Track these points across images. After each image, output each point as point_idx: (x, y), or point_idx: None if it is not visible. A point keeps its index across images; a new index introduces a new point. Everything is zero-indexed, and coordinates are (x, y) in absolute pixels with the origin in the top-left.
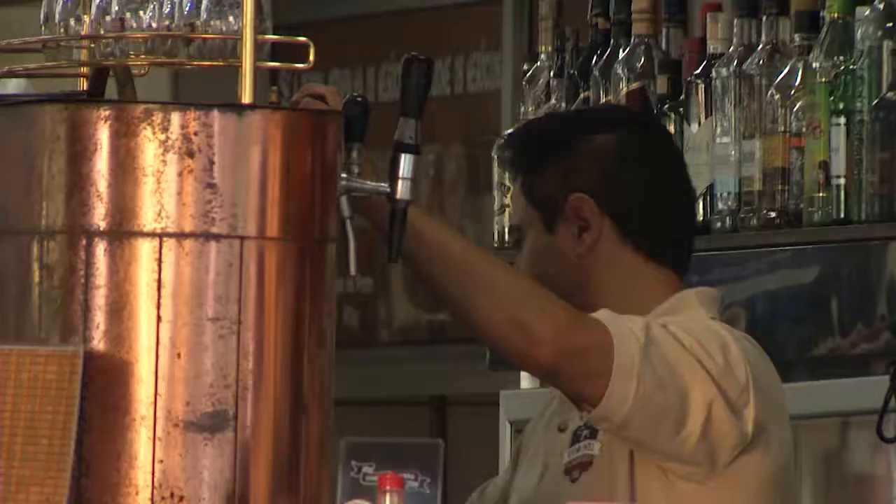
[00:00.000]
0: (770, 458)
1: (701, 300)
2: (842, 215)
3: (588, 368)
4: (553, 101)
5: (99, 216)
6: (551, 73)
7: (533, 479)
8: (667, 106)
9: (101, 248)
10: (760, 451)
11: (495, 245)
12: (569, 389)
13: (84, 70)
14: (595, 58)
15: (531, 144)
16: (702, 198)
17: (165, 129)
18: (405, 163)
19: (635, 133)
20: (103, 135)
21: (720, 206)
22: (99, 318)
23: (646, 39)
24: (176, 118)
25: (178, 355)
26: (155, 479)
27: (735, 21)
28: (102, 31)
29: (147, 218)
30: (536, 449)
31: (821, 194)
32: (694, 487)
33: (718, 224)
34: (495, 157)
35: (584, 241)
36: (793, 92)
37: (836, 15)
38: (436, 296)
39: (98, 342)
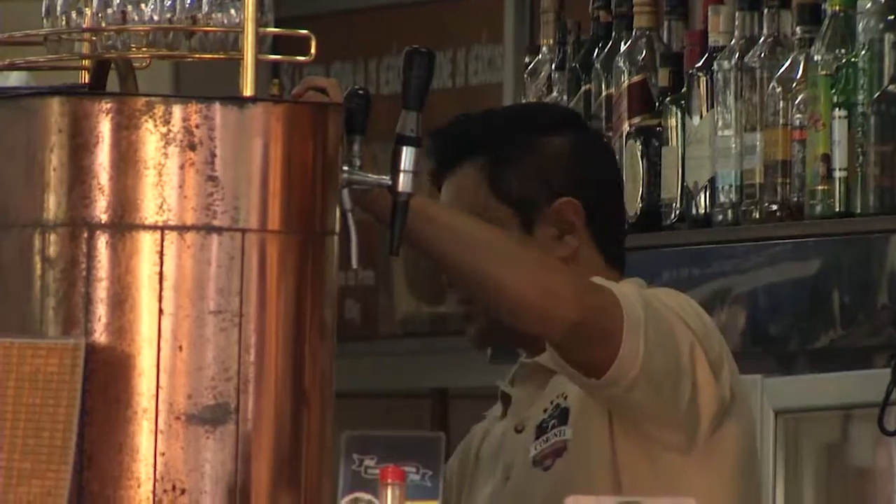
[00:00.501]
0: (743, 430)
1: (638, 283)
2: (843, 208)
3: (605, 326)
4: (555, 93)
5: (101, 209)
6: (553, 66)
7: (494, 485)
8: (668, 99)
9: (102, 241)
10: (734, 421)
11: None
12: (586, 354)
13: (86, 63)
14: (597, 51)
15: (494, 135)
16: (703, 190)
17: (167, 122)
18: (406, 155)
19: (587, 133)
20: (105, 127)
21: (721, 198)
22: (101, 310)
23: (647, 32)
24: (177, 111)
25: (180, 348)
26: (157, 472)
27: (736, 14)
28: (104, 24)
29: (149, 210)
30: (486, 462)
31: (822, 187)
32: (678, 459)
33: (720, 217)
34: None
35: (566, 243)
36: (794, 85)
37: (837, 8)
38: (450, 274)
39: (100, 335)
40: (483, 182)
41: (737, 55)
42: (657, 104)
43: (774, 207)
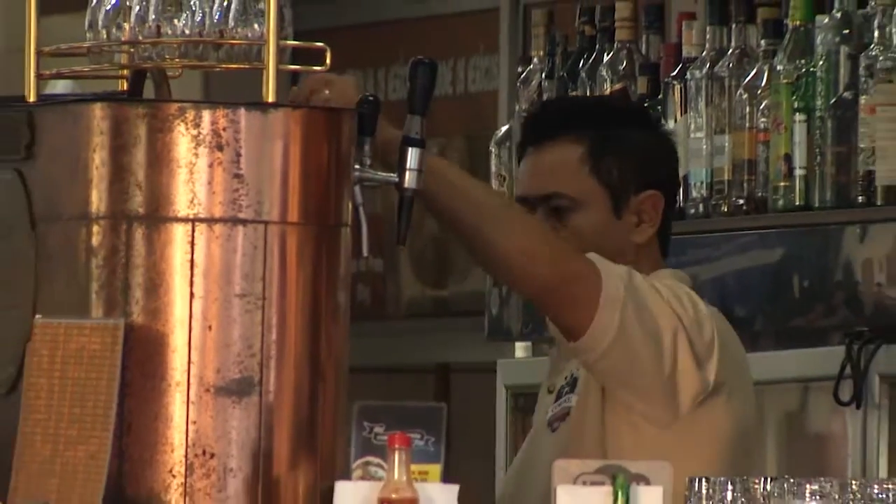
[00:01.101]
0: (731, 413)
1: (678, 276)
2: (803, 202)
3: (578, 294)
4: (545, 99)
5: (138, 203)
6: (543, 75)
7: (531, 435)
8: (646, 104)
9: (140, 232)
10: (721, 404)
11: None
12: (559, 317)
13: (124, 72)
14: (582, 61)
15: (602, 121)
16: (667, 181)
17: (197, 125)
18: (412, 155)
19: (662, 131)
20: (142, 130)
21: (694, 194)
22: (138, 294)
23: (627, 45)
24: (206, 115)
25: (209, 328)
26: (189, 439)
27: (707, 28)
28: (141, 38)
29: (181, 205)
30: (536, 414)
31: (784, 183)
32: (658, 432)
33: (692, 210)
34: (493, 150)
35: (643, 232)
36: (759, 92)
37: (797, 23)
38: (450, 227)
39: (137, 316)
40: (585, 161)
41: (707, 65)
42: None
43: (741, 202)
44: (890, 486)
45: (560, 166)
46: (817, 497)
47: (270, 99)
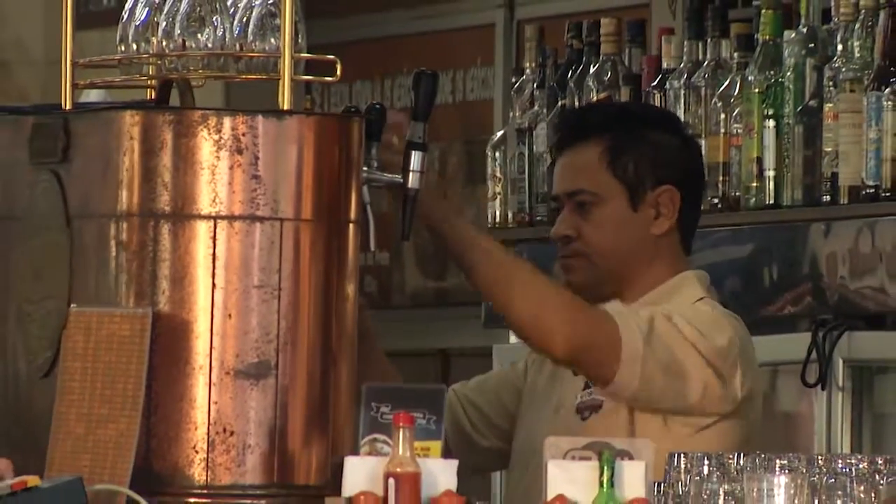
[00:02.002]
0: (747, 424)
1: (699, 280)
2: (772, 201)
3: (598, 359)
4: (536, 107)
5: (164, 202)
6: (535, 85)
7: (545, 415)
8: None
9: (166, 229)
10: (740, 417)
11: (489, 226)
12: (584, 373)
13: (152, 82)
14: (571, 72)
15: (621, 123)
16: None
17: (219, 131)
18: (415, 158)
19: (694, 139)
20: (168, 135)
21: None
22: (164, 285)
23: (612, 57)
24: (227, 122)
25: (230, 316)
26: (210, 418)
27: (685, 42)
28: (167, 51)
29: (204, 203)
30: (545, 390)
31: (755, 184)
32: (689, 433)
33: None
34: (489, 153)
35: (660, 224)
36: (732, 100)
37: (767, 37)
38: (479, 289)
39: (164, 305)
40: (603, 159)
41: (685, 76)
42: None
43: (716, 200)
44: (852, 461)
45: (583, 165)
46: (786, 471)
47: (286, 107)
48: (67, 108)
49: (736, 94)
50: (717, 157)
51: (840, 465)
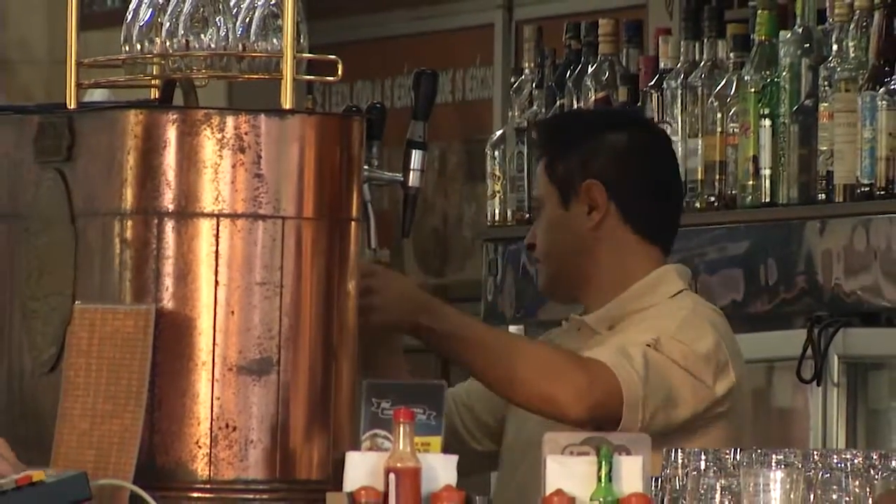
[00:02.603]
0: (735, 426)
1: (679, 274)
2: (768, 199)
3: (606, 413)
4: (535, 107)
5: (168, 200)
6: (533, 85)
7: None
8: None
9: (169, 226)
10: (728, 418)
11: (488, 224)
12: (592, 428)
13: (156, 82)
14: (569, 72)
15: (558, 133)
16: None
17: (222, 130)
18: (415, 157)
19: (642, 133)
20: (171, 134)
21: None
22: (168, 282)
23: (609, 57)
24: (230, 121)
25: (232, 313)
26: (213, 413)
27: (682, 43)
28: (171, 51)
29: (207, 201)
30: None
31: (751, 182)
32: (684, 440)
33: None
34: (488, 152)
35: (592, 218)
36: (728, 100)
37: (763, 37)
38: (479, 378)
39: (167, 302)
40: (545, 168)
41: (682, 76)
42: None
43: (713, 199)
44: (847, 456)
45: (538, 176)
46: (782, 466)
47: (288, 106)
48: (72, 107)
49: (732, 93)
50: (714, 157)
51: (835, 461)
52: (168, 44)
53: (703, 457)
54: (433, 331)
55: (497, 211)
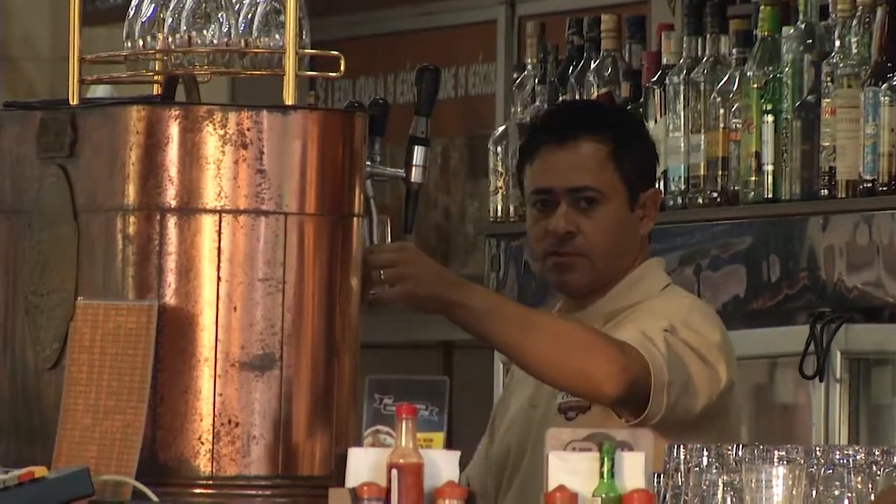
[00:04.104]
0: (734, 417)
1: (662, 267)
2: (770, 195)
3: (637, 393)
4: (537, 103)
5: (170, 196)
6: (536, 81)
7: (521, 404)
8: (629, 107)
9: (171, 222)
10: (727, 410)
11: (491, 220)
12: (621, 410)
13: (158, 78)
14: (571, 68)
15: (625, 124)
16: (658, 181)
17: (224, 126)
18: (418, 153)
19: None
20: (174, 130)
21: (672, 187)
22: (170, 278)
23: (612, 53)
24: (232, 117)
25: (235, 309)
26: (216, 409)
27: (684, 38)
28: (173, 47)
29: (209, 197)
30: (516, 389)
31: (753, 178)
32: (686, 432)
33: (671, 202)
34: (491, 148)
35: (646, 225)
36: (731, 95)
37: (766, 33)
38: (512, 356)
39: (170, 298)
40: (611, 159)
41: (685, 72)
42: None
43: (715, 195)
44: (850, 452)
45: (589, 161)
46: (784, 462)
47: (290, 102)
48: (74, 103)
49: (735, 89)
50: (716, 152)
51: (838, 457)
52: (170, 40)
53: (705, 452)
54: (466, 307)
55: (499, 207)
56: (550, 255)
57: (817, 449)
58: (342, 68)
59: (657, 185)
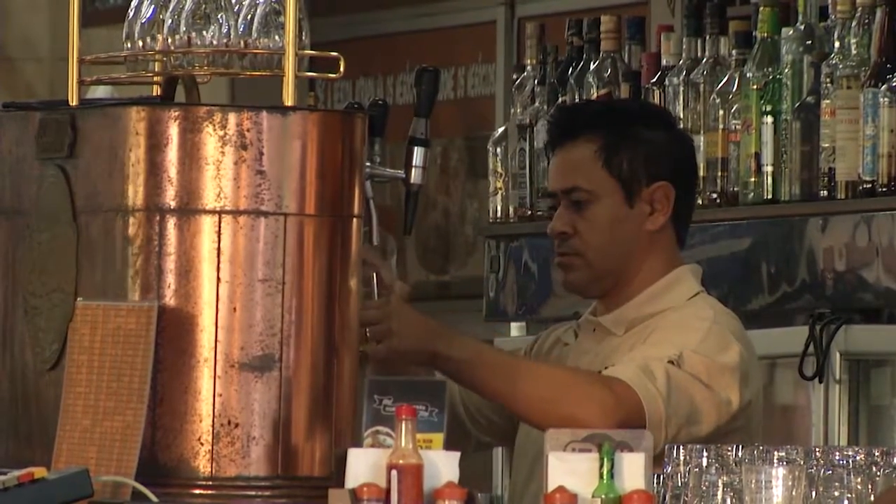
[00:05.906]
0: (750, 430)
1: (695, 275)
2: (770, 196)
3: (631, 427)
4: (537, 104)
5: (170, 197)
6: (535, 82)
7: None
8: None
9: (171, 223)
10: (742, 423)
11: (490, 221)
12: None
13: (158, 79)
14: (571, 69)
15: (613, 121)
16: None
17: (224, 127)
18: (417, 154)
19: (686, 133)
20: (174, 131)
21: None
22: (170, 279)
23: (612, 54)
24: (232, 118)
25: (234, 309)
26: (215, 410)
27: (684, 39)
28: (173, 48)
29: (209, 198)
30: None
31: (753, 179)
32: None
33: None
34: (490, 149)
35: (656, 219)
36: (730, 97)
37: (765, 34)
38: (501, 403)
39: (169, 299)
40: (599, 157)
41: (684, 73)
42: None
43: (715, 195)
44: (849, 453)
45: (577, 163)
46: (784, 463)
47: (290, 103)
48: (74, 104)
49: (734, 90)
50: (716, 153)
51: (837, 457)
52: (170, 40)
53: (705, 453)
54: (451, 359)
55: (499, 208)
56: (555, 257)
57: (817, 450)
58: (342, 69)
59: (692, 177)
